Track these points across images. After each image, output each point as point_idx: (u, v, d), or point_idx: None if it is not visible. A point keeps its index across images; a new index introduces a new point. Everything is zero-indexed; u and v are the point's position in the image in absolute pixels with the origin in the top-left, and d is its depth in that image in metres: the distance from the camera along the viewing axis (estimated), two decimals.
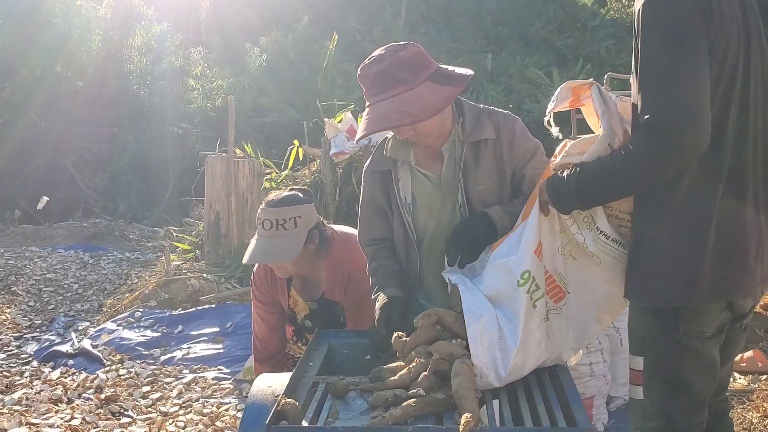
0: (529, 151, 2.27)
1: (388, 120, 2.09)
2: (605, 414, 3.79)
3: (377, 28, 23.54)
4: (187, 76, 18.07)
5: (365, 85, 2.19)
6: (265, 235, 2.64)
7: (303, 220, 2.66)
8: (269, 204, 2.69)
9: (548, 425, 1.66)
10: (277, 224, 2.62)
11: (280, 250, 2.63)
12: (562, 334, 1.99)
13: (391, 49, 2.17)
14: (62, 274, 8.22)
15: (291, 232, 2.63)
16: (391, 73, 2.11)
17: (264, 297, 2.96)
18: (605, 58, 23.49)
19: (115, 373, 4.88)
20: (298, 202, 2.70)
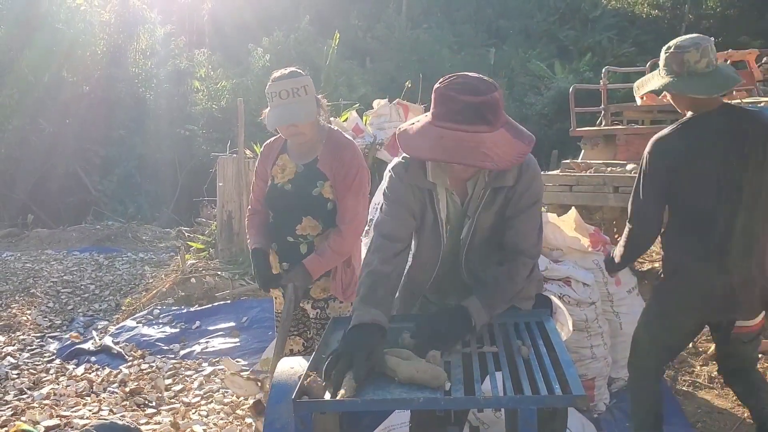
0: (529, 206, 2.33)
1: (468, 156, 2.08)
2: (606, 394, 3.97)
3: (379, 24, 23.68)
4: (192, 78, 18.25)
5: (448, 107, 2.11)
6: (284, 103, 3.04)
7: (310, 88, 3.09)
8: (281, 78, 3.07)
9: (545, 393, 1.85)
10: (293, 92, 3.03)
11: (303, 111, 3.05)
12: None
13: (486, 85, 2.13)
14: (79, 275, 8.42)
15: (305, 98, 3.06)
16: (483, 109, 2.09)
17: (262, 165, 3.34)
18: (607, 49, 23.58)
19: (137, 367, 5.08)
20: (302, 74, 3.12)
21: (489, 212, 2.33)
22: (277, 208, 3.26)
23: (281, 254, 3.27)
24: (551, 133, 18.61)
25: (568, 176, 6.12)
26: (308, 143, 3.17)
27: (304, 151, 3.20)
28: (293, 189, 3.19)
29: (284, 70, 3.13)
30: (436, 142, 2.09)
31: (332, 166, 3.13)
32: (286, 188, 3.21)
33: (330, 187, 3.14)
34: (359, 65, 22.05)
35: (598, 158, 6.92)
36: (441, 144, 2.08)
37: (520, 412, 1.89)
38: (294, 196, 3.19)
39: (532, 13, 26.23)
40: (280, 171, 3.24)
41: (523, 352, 2.09)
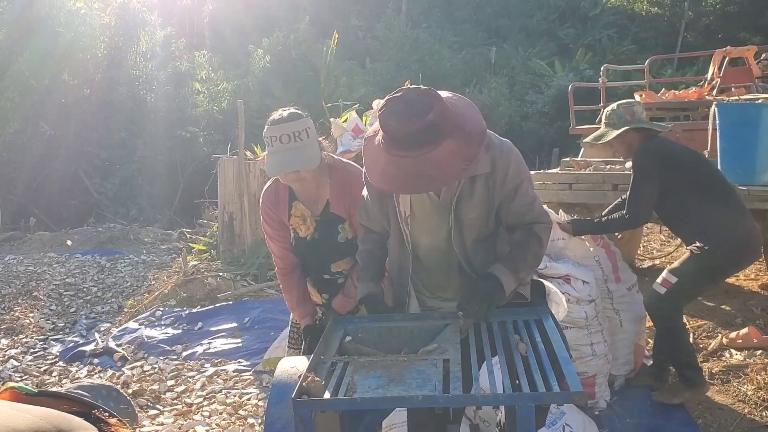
0: (516, 187, 2.35)
1: (412, 185, 2.16)
2: (607, 391, 3.98)
3: (379, 24, 23.69)
4: (192, 80, 18.27)
5: (390, 135, 2.15)
6: (286, 148, 2.82)
7: (312, 131, 2.89)
8: (280, 121, 2.85)
9: (543, 390, 1.86)
10: (294, 136, 2.81)
11: (305, 157, 2.84)
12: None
13: (422, 108, 2.12)
14: (81, 278, 8.44)
15: (307, 141, 2.84)
16: (422, 134, 2.10)
17: (272, 218, 3.13)
18: (607, 47, 23.60)
19: (140, 369, 5.11)
20: (302, 116, 2.90)
21: (471, 202, 2.35)
22: (307, 258, 3.17)
23: (319, 287, 3.20)
24: (552, 131, 18.64)
25: (567, 174, 6.13)
26: (315, 187, 3.01)
27: (313, 195, 3.04)
28: (320, 238, 3.07)
29: (282, 111, 2.91)
30: (385, 170, 2.17)
31: (345, 204, 3.00)
32: (315, 237, 3.09)
33: (350, 225, 3.04)
34: (359, 65, 22.07)
35: (597, 156, 6.93)
36: (389, 173, 2.16)
37: (518, 409, 1.90)
38: (322, 245, 3.08)
39: (532, 12, 26.26)
40: (301, 223, 3.09)
41: (521, 347, 2.10)
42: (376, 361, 2.19)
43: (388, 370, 2.10)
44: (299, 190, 3.03)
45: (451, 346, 2.20)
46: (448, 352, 2.16)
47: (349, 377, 2.08)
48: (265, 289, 6.77)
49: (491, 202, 2.35)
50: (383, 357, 2.22)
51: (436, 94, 2.16)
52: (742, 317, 4.80)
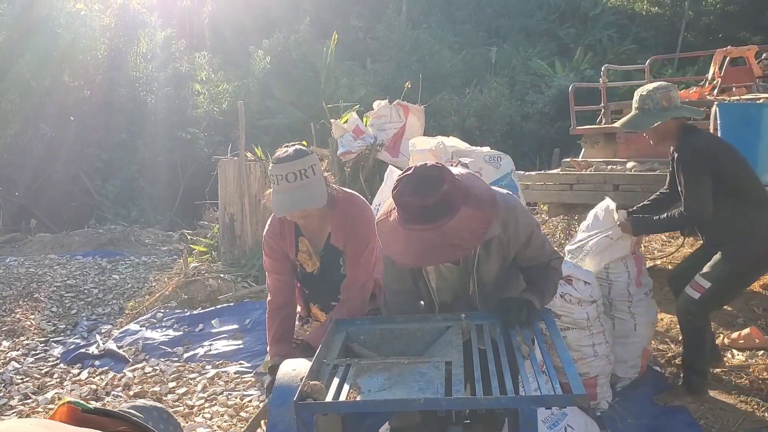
0: (527, 238, 2.47)
1: (437, 257, 2.25)
2: (609, 392, 3.98)
3: (380, 25, 23.70)
4: (193, 81, 18.28)
5: (407, 212, 2.23)
6: (292, 187, 2.78)
7: (317, 167, 2.86)
8: (286, 159, 2.81)
9: (546, 393, 1.86)
10: (300, 174, 2.78)
11: (312, 196, 2.82)
12: None
13: (435, 183, 2.23)
14: (82, 279, 8.43)
15: (313, 179, 2.82)
16: (437, 207, 2.20)
17: (274, 250, 3.12)
18: (607, 47, 23.59)
19: (141, 371, 5.10)
20: (308, 153, 2.87)
21: (489, 263, 2.49)
22: (314, 290, 3.19)
23: (326, 310, 3.21)
24: (552, 131, 18.63)
25: (568, 175, 6.13)
26: (319, 220, 2.99)
27: (317, 229, 3.03)
28: (324, 271, 3.09)
29: (287, 148, 2.88)
30: (407, 247, 2.24)
31: (344, 238, 3.00)
32: (321, 273, 3.11)
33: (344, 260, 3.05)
34: (360, 66, 22.07)
35: (598, 156, 6.93)
36: (411, 249, 2.23)
37: (521, 411, 1.90)
38: (327, 278, 3.10)
39: (532, 12, 26.27)
40: (307, 258, 3.09)
41: (524, 350, 2.10)
42: (378, 363, 2.19)
43: (390, 373, 2.10)
44: (304, 225, 3.01)
45: (454, 348, 2.20)
46: (450, 354, 2.16)
47: (351, 380, 2.08)
48: (266, 290, 6.75)
49: (507, 257, 2.50)
50: (385, 359, 2.22)
51: (445, 168, 2.29)
52: (744, 317, 4.80)
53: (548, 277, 2.53)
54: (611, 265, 4.04)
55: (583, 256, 4.09)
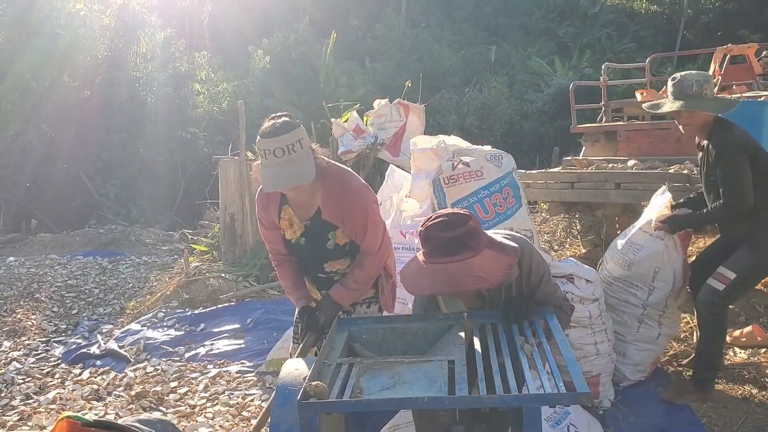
0: (540, 279, 2.61)
1: (464, 283, 2.34)
2: (612, 390, 3.97)
3: (379, 24, 23.69)
4: (193, 81, 18.27)
5: (432, 246, 2.40)
6: (280, 162, 2.79)
7: (305, 141, 2.86)
8: (273, 133, 2.81)
9: (550, 391, 1.86)
10: (288, 149, 2.78)
11: (301, 171, 2.83)
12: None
13: (460, 219, 2.41)
14: (83, 279, 8.43)
15: (301, 153, 2.82)
16: (463, 240, 2.36)
17: (265, 219, 3.17)
18: (606, 45, 23.59)
19: (142, 370, 5.10)
20: (296, 126, 2.87)
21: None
22: (298, 258, 3.19)
23: (317, 284, 3.23)
24: (552, 130, 18.61)
25: (569, 173, 6.12)
26: (306, 193, 3.00)
27: (306, 202, 3.04)
28: (308, 244, 3.09)
29: (275, 120, 2.88)
30: (434, 278, 2.37)
31: (338, 215, 3.00)
32: (301, 243, 3.11)
33: (342, 232, 3.04)
34: (359, 65, 22.06)
35: (599, 155, 6.93)
36: (438, 279, 2.35)
37: (525, 410, 1.90)
38: (310, 249, 3.10)
39: (531, 11, 26.27)
40: (288, 226, 3.11)
41: (527, 349, 2.10)
42: (381, 362, 2.19)
43: (393, 372, 2.10)
44: (293, 196, 3.03)
45: (456, 347, 2.20)
46: (453, 353, 2.16)
47: (354, 379, 2.08)
48: (267, 290, 6.76)
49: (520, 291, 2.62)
50: (388, 359, 2.22)
51: (470, 212, 2.50)
52: (746, 315, 4.80)
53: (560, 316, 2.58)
54: (660, 272, 3.93)
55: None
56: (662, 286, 3.93)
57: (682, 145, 6.31)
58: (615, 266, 4.08)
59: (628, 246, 4.02)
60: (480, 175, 4.45)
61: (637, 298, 4.00)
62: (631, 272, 3.98)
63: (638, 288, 3.99)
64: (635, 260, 3.95)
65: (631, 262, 3.97)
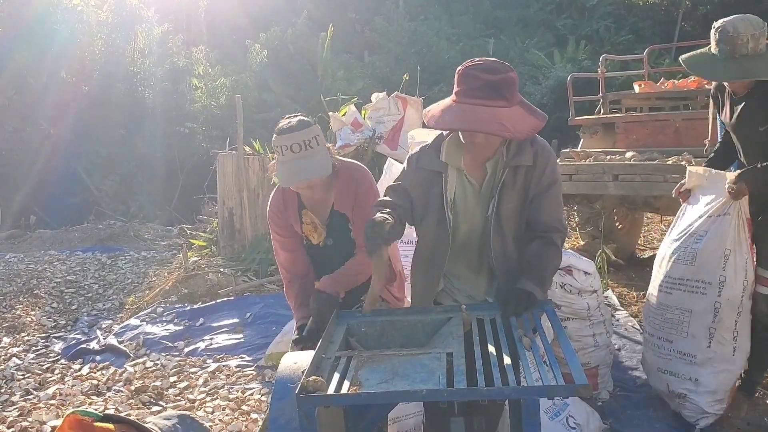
0: (551, 184, 2.53)
1: (487, 126, 2.32)
2: (610, 382, 3.99)
3: (377, 17, 23.62)
4: (190, 76, 18.22)
5: (469, 85, 2.37)
6: (297, 157, 2.82)
7: (320, 138, 2.91)
8: (289, 130, 2.85)
9: (548, 383, 1.86)
10: (305, 145, 2.83)
11: (318, 165, 2.86)
12: None
13: (503, 66, 2.39)
14: (82, 275, 8.43)
15: (317, 149, 2.86)
16: (501, 87, 2.34)
17: (280, 226, 3.13)
18: (605, 37, 23.53)
19: (142, 365, 5.10)
20: (311, 124, 2.92)
21: (512, 192, 2.51)
22: (319, 264, 3.16)
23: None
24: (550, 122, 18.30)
25: (567, 165, 6.11)
26: (322, 191, 3.01)
27: (321, 200, 3.05)
28: (334, 243, 3.08)
29: (291, 119, 2.92)
30: (459, 115, 2.36)
31: (349, 202, 3.02)
32: (329, 244, 3.09)
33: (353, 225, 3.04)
34: (357, 59, 22.01)
35: (597, 147, 6.92)
36: (463, 116, 2.35)
37: (524, 402, 1.90)
38: (336, 248, 3.08)
39: (529, 3, 26.17)
40: (312, 230, 3.09)
41: (525, 342, 2.10)
42: (380, 355, 2.19)
43: (392, 365, 2.10)
44: (308, 196, 3.02)
45: (455, 339, 2.20)
46: (452, 345, 2.16)
47: (353, 372, 2.08)
48: (266, 284, 6.76)
49: (527, 195, 2.51)
50: (386, 351, 2.22)
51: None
52: None
53: (548, 259, 2.50)
54: (732, 256, 3.32)
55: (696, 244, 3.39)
56: (733, 276, 3.32)
57: (680, 136, 6.31)
58: (675, 265, 3.46)
59: (689, 237, 3.43)
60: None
61: (706, 299, 3.35)
62: (696, 265, 3.37)
63: (706, 285, 3.35)
64: (699, 249, 3.36)
65: (695, 252, 3.38)
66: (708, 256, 3.32)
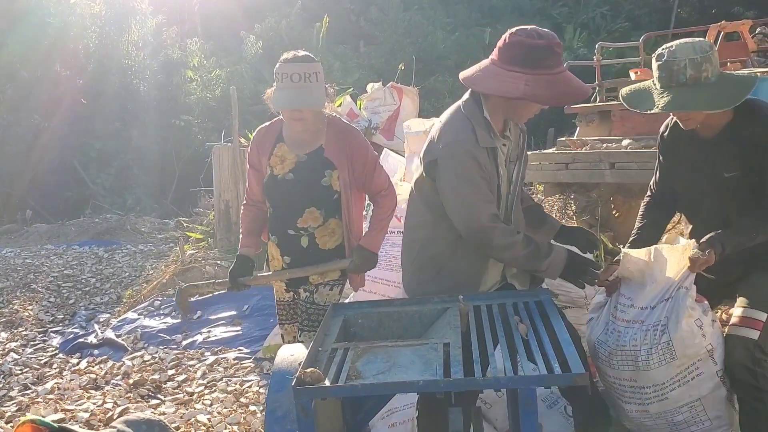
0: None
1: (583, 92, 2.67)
2: None
3: (373, 7, 23.53)
4: (185, 68, 18.16)
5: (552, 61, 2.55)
6: (295, 86, 2.97)
7: (321, 75, 3.05)
8: (294, 60, 3.02)
9: (545, 372, 1.86)
10: (305, 77, 2.97)
11: (311, 97, 3.00)
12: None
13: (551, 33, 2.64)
14: (79, 269, 8.42)
15: (315, 84, 3.00)
16: (557, 52, 2.60)
17: (255, 157, 3.27)
18: (600, 25, 23.46)
19: (140, 359, 5.10)
20: (315, 60, 3.08)
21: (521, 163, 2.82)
22: (277, 200, 3.21)
23: (282, 247, 3.24)
24: (546, 111, 18.38)
25: (564, 154, 6.11)
26: (309, 131, 3.11)
27: (306, 140, 3.14)
28: (296, 179, 3.14)
29: (297, 52, 3.08)
30: (573, 84, 2.61)
31: (344, 154, 3.11)
32: (288, 179, 3.15)
33: (338, 177, 3.10)
34: (353, 49, 21.94)
35: (593, 135, 6.91)
36: (576, 86, 2.61)
37: (521, 392, 1.89)
38: (297, 186, 3.13)
39: None
40: (279, 162, 3.17)
41: (521, 329, 2.09)
42: (377, 346, 2.19)
43: (389, 356, 2.10)
44: (294, 130, 3.13)
45: (452, 330, 2.20)
46: (449, 335, 2.16)
47: (350, 363, 2.07)
48: None
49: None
50: (383, 342, 2.22)
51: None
52: None
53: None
54: (705, 331, 2.61)
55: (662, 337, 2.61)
56: (715, 337, 2.66)
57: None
58: (657, 371, 2.64)
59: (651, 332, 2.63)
60: None
61: (707, 375, 2.65)
62: (679, 356, 2.61)
63: (698, 363, 2.63)
64: (672, 338, 2.60)
65: (670, 344, 2.61)
66: (685, 339, 2.61)
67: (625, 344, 2.66)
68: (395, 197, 3.31)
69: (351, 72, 18.71)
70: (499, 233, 2.52)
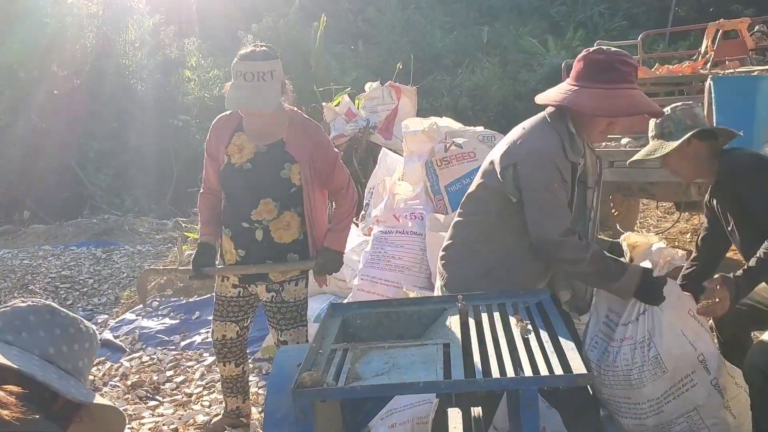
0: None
1: (651, 106, 2.74)
2: None
3: (371, 7, 23.52)
4: (183, 68, 18.14)
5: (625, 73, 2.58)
6: (248, 86, 2.96)
7: (277, 73, 3.01)
8: (249, 57, 3.00)
9: (546, 373, 1.84)
10: (258, 76, 2.95)
11: (263, 99, 2.98)
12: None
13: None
14: (77, 270, 8.39)
15: (269, 84, 2.97)
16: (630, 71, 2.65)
17: (213, 146, 3.28)
18: (599, 23, 23.46)
19: (138, 360, 5.08)
20: (273, 57, 3.03)
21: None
22: (232, 190, 3.21)
23: (236, 240, 3.23)
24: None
25: None
26: (268, 123, 3.13)
27: (266, 131, 3.14)
28: (254, 168, 3.13)
29: (255, 47, 3.06)
30: (629, 101, 2.60)
31: (305, 150, 3.11)
32: (245, 168, 3.14)
33: (298, 171, 3.10)
34: (351, 49, 21.93)
35: None
36: (631, 102, 2.60)
37: (522, 393, 1.87)
38: (255, 175, 3.13)
39: None
40: (237, 151, 3.17)
41: (522, 329, 2.08)
42: (376, 347, 2.17)
43: (388, 357, 2.08)
44: (256, 123, 3.14)
45: (452, 330, 2.18)
46: (449, 336, 2.14)
47: (349, 365, 2.05)
48: None
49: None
50: (383, 343, 2.20)
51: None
52: None
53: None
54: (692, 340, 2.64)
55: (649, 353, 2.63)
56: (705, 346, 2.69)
57: None
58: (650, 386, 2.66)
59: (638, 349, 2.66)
60: (473, 156, 4.43)
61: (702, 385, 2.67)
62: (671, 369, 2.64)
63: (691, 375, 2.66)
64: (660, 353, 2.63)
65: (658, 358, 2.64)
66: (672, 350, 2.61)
67: (617, 364, 2.68)
68: (355, 195, 3.31)
69: (349, 71, 18.71)
70: (569, 247, 2.54)
